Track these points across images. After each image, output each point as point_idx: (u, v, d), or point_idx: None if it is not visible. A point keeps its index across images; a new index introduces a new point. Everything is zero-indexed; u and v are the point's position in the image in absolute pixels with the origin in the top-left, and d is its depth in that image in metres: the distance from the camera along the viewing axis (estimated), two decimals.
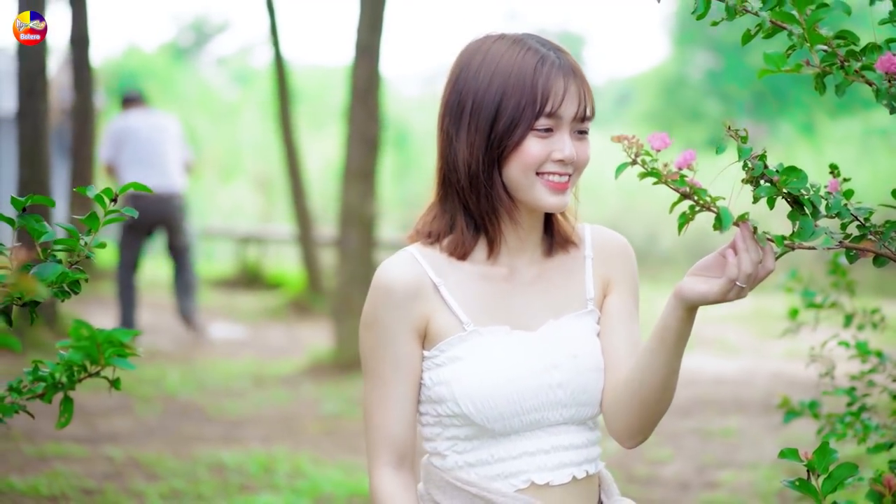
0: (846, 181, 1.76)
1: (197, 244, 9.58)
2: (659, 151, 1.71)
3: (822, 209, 1.73)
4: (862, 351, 2.68)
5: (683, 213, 1.72)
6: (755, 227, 1.74)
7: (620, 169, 1.72)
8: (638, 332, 2.06)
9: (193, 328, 9.13)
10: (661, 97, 23.96)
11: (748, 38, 1.75)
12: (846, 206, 1.75)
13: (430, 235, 2.01)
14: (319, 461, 5.35)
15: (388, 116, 9.95)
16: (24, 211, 1.81)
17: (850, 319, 2.85)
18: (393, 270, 1.97)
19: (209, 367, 7.95)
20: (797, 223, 1.72)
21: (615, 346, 2.02)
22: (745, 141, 1.71)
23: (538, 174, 1.93)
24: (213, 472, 5.09)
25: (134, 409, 6.46)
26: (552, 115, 1.91)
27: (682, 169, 1.70)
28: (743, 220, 1.73)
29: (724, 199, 1.71)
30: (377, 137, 7.78)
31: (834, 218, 1.76)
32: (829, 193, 1.75)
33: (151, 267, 12.50)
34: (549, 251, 2.05)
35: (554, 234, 2.05)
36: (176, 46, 30.46)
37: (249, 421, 6.30)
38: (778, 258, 1.75)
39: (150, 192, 1.90)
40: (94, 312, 9.68)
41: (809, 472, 1.68)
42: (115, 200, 1.84)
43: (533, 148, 1.92)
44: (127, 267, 8.70)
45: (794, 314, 2.89)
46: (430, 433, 2.01)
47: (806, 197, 1.72)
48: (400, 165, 17.64)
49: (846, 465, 1.68)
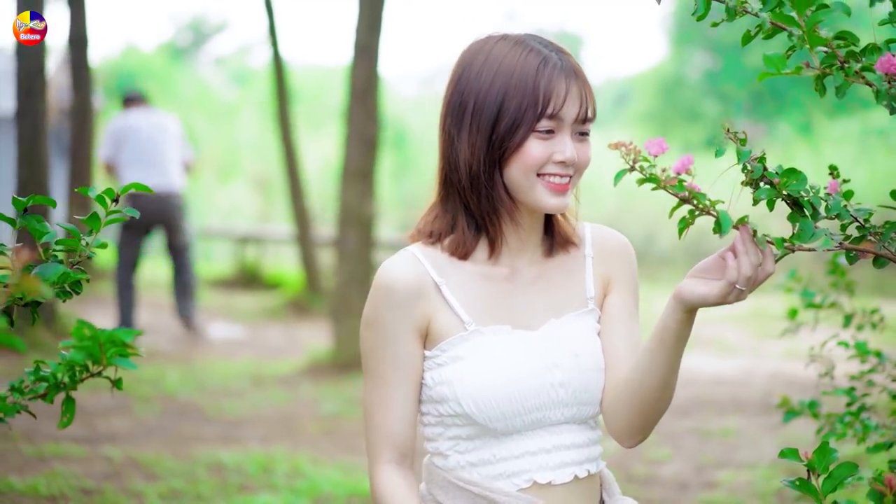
0: (846, 182, 1.76)
1: (195, 244, 9.56)
2: (656, 157, 1.71)
3: (821, 211, 1.73)
4: (861, 351, 2.69)
5: (683, 217, 1.72)
6: (755, 230, 1.74)
7: (619, 176, 1.72)
8: (638, 331, 2.06)
9: (192, 330, 9.13)
10: (658, 97, 23.97)
11: (748, 38, 1.75)
12: (846, 207, 1.75)
13: (431, 235, 2.01)
14: (318, 461, 5.35)
15: (386, 116, 9.95)
16: (25, 211, 1.82)
17: (849, 319, 2.86)
18: (394, 270, 1.97)
19: (208, 367, 7.94)
20: (797, 225, 1.72)
21: (615, 345, 2.02)
22: (743, 143, 1.71)
23: (539, 175, 1.93)
24: (211, 472, 5.09)
25: (133, 409, 6.46)
26: (553, 116, 1.91)
27: (680, 174, 1.70)
28: (742, 223, 1.73)
29: (723, 202, 1.71)
30: (376, 137, 7.78)
31: (834, 219, 1.76)
32: (828, 195, 1.75)
33: (150, 267, 12.50)
34: (549, 251, 2.06)
35: (554, 234, 2.06)
36: (174, 46, 30.45)
37: (248, 421, 6.30)
38: (778, 260, 1.75)
39: (151, 192, 1.90)
40: (92, 312, 9.67)
41: (809, 471, 1.69)
42: (116, 201, 1.84)
43: (534, 149, 1.92)
44: (126, 266, 8.69)
45: (793, 314, 2.89)
46: (431, 433, 2.01)
47: (806, 199, 1.72)
48: (398, 165, 17.65)
49: (846, 464, 1.68)
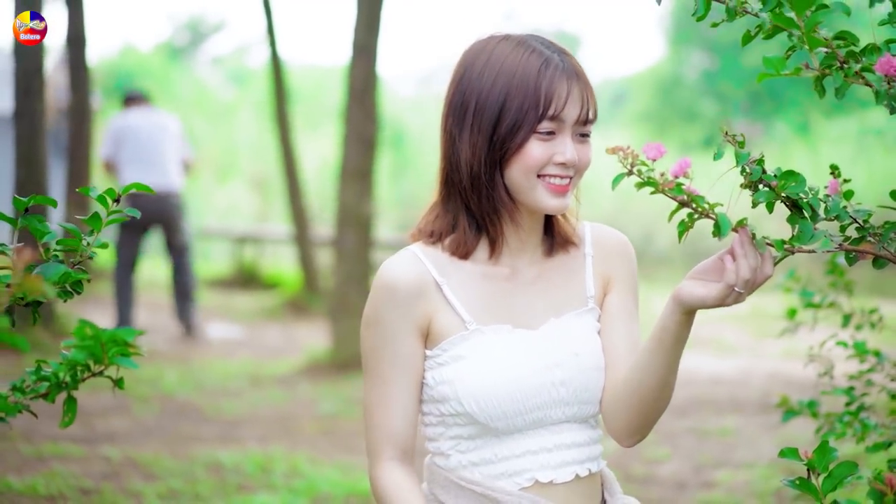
0: (846, 182, 1.77)
1: (193, 244, 9.56)
2: (654, 161, 1.71)
3: (821, 212, 1.74)
4: (860, 351, 2.69)
5: (682, 221, 1.72)
6: (753, 232, 1.74)
7: (617, 180, 1.72)
8: (637, 330, 2.06)
9: (191, 332, 9.12)
10: (656, 97, 23.98)
11: (748, 38, 1.75)
12: (845, 208, 1.75)
13: (432, 235, 2.01)
14: (316, 461, 5.35)
15: (384, 116, 9.95)
16: (26, 211, 1.82)
17: (848, 319, 2.86)
18: (396, 269, 1.97)
19: (206, 366, 7.94)
20: (796, 227, 1.72)
21: (615, 344, 2.03)
22: (742, 146, 1.71)
23: (539, 176, 1.93)
24: (210, 471, 5.09)
25: (131, 408, 6.46)
26: (555, 118, 1.92)
27: (678, 177, 1.71)
28: (741, 225, 1.73)
29: (721, 205, 1.71)
30: (374, 137, 7.78)
31: (833, 220, 1.76)
32: (827, 196, 1.75)
33: (149, 267, 12.49)
34: (549, 251, 2.06)
35: (554, 234, 2.06)
36: (172, 46, 30.44)
37: (246, 421, 6.30)
38: (777, 262, 1.75)
39: (151, 192, 1.90)
40: (90, 312, 9.66)
41: (809, 470, 1.69)
42: (117, 201, 1.84)
43: (535, 151, 1.92)
44: (124, 266, 8.69)
45: (792, 314, 2.90)
46: (433, 433, 2.01)
47: (805, 200, 1.72)
48: (396, 165, 17.65)
49: (846, 463, 1.68)
